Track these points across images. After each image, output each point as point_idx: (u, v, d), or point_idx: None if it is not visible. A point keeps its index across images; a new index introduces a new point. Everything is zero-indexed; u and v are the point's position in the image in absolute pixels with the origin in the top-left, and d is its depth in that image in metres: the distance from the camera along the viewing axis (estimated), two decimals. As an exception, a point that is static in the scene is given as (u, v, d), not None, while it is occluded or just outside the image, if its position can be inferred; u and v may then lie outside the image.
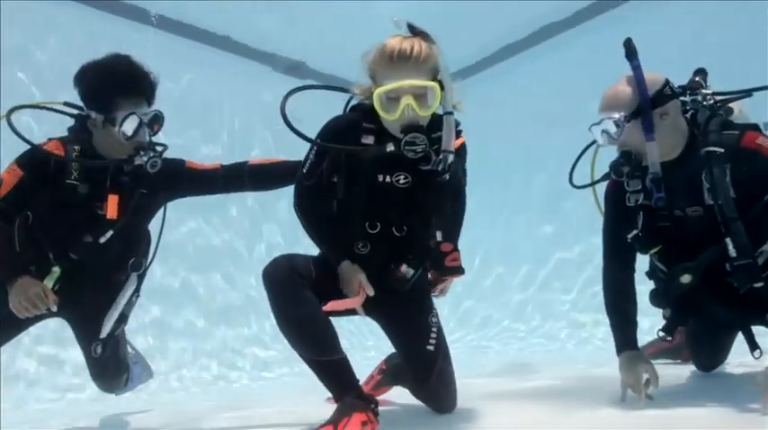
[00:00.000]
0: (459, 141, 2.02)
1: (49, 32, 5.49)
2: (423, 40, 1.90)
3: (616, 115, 2.00)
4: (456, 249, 1.97)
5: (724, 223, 1.91)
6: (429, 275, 2.20)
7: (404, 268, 1.98)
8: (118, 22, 5.87)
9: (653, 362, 2.09)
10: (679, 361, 3.01)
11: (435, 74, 1.92)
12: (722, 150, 1.92)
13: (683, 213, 2.08)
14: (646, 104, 1.96)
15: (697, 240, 2.04)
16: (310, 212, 2.09)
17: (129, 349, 3.00)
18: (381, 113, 1.90)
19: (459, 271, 1.98)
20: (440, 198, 1.95)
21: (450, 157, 1.91)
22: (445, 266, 1.96)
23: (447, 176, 1.92)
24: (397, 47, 1.87)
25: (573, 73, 6.51)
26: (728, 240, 1.89)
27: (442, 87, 1.89)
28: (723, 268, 1.95)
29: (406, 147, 1.86)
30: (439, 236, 1.92)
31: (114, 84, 2.33)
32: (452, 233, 2.11)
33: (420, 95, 1.87)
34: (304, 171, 2.06)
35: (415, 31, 1.93)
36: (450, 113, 1.92)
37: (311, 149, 2.05)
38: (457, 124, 2.01)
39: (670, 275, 2.07)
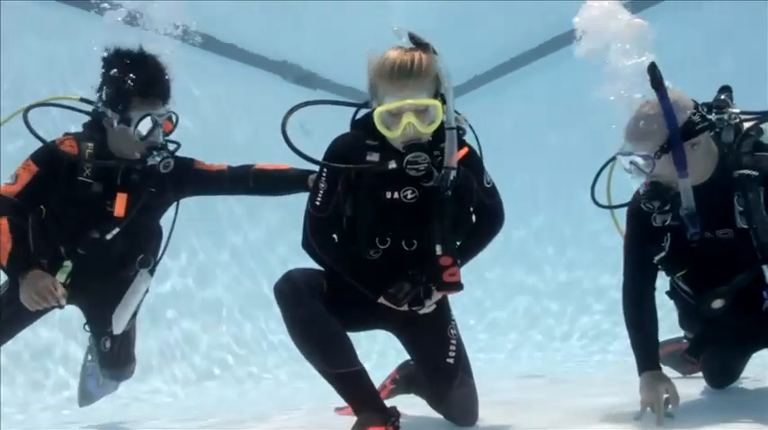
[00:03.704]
0: (463, 152, 1.96)
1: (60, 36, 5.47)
2: (424, 53, 1.84)
3: (644, 152, 1.92)
4: (456, 263, 1.86)
5: (760, 249, 1.86)
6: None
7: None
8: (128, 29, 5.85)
9: None
10: (687, 374, 2.93)
11: (438, 86, 1.88)
12: (756, 173, 1.88)
13: (713, 235, 2.02)
14: (676, 139, 1.87)
15: (726, 262, 1.99)
16: (327, 248, 2.03)
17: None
18: (383, 131, 1.87)
19: (457, 287, 1.86)
20: (443, 213, 1.89)
21: (453, 174, 1.87)
22: (443, 281, 1.85)
23: (449, 193, 1.88)
24: (398, 61, 1.82)
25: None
26: (765, 267, 1.85)
27: (443, 101, 1.85)
28: (752, 289, 1.91)
29: (408, 166, 1.83)
30: (439, 249, 1.86)
31: (133, 84, 2.34)
32: (468, 251, 2.07)
33: (421, 112, 1.83)
34: (317, 202, 1.99)
35: (416, 42, 1.85)
36: (452, 129, 1.87)
37: (320, 175, 2.00)
38: (462, 133, 1.97)
39: (700, 300, 2.03)
